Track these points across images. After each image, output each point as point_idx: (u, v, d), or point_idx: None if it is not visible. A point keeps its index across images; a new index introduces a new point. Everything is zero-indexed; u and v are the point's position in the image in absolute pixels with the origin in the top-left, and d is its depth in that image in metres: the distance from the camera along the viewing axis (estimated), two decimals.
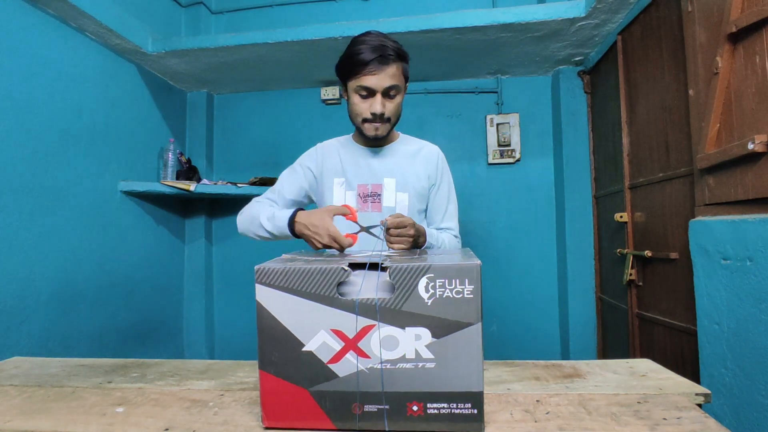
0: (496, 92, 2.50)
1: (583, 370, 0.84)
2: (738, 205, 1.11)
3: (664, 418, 0.61)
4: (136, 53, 2.08)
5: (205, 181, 2.40)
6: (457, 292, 0.57)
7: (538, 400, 0.69)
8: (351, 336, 0.60)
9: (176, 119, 2.56)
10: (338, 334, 0.60)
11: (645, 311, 1.73)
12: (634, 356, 1.81)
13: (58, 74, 1.72)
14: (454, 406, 0.59)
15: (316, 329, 0.61)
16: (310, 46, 2.07)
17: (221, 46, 2.06)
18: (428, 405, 0.59)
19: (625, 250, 1.83)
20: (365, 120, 1.05)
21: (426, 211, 1.18)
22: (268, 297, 0.61)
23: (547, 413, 0.64)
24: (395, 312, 0.59)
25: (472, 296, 0.58)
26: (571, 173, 2.33)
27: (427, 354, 0.59)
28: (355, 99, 1.04)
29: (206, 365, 0.93)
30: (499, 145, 2.45)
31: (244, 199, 1.39)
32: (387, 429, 0.60)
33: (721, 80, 1.13)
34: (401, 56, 1.02)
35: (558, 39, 2.03)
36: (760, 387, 1.01)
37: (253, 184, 2.39)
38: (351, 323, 0.60)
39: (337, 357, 0.60)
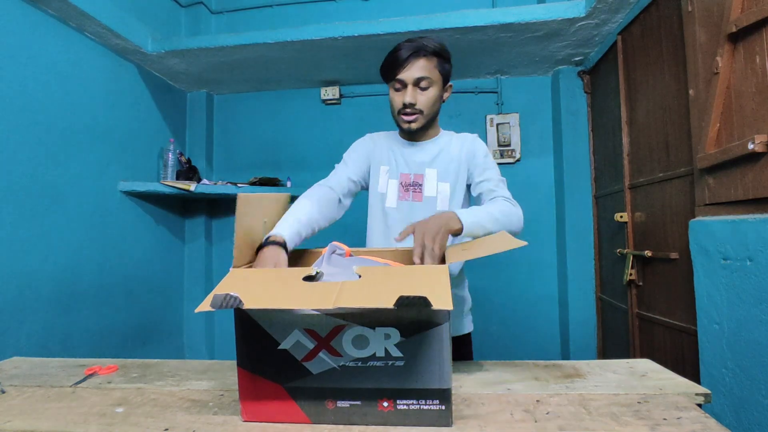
0: (496, 92, 2.50)
1: (583, 370, 0.84)
2: (738, 205, 1.11)
3: (665, 418, 0.61)
4: (136, 53, 2.07)
5: (205, 181, 2.40)
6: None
7: (538, 400, 0.69)
8: (323, 335, 0.62)
9: (176, 119, 2.56)
10: (311, 333, 0.63)
11: (645, 311, 1.73)
12: (634, 356, 1.81)
13: (58, 74, 1.72)
14: (423, 402, 0.61)
15: (291, 329, 0.63)
16: (310, 46, 2.07)
17: (221, 46, 2.06)
18: (398, 401, 0.62)
19: (625, 250, 1.83)
20: (399, 112, 1.09)
21: (470, 199, 1.17)
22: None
23: (547, 413, 0.64)
24: (365, 313, 0.61)
25: None
26: (571, 173, 2.33)
27: (396, 353, 0.61)
28: (391, 93, 1.11)
29: (206, 365, 0.93)
30: (499, 145, 2.45)
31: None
32: (358, 423, 0.63)
33: (721, 80, 1.13)
34: (437, 52, 1.06)
35: (558, 39, 2.03)
36: (760, 387, 1.01)
37: (253, 184, 2.39)
38: (323, 323, 0.62)
39: (311, 355, 0.63)
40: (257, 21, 2.56)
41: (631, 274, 1.76)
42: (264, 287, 0.64)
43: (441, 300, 0.55)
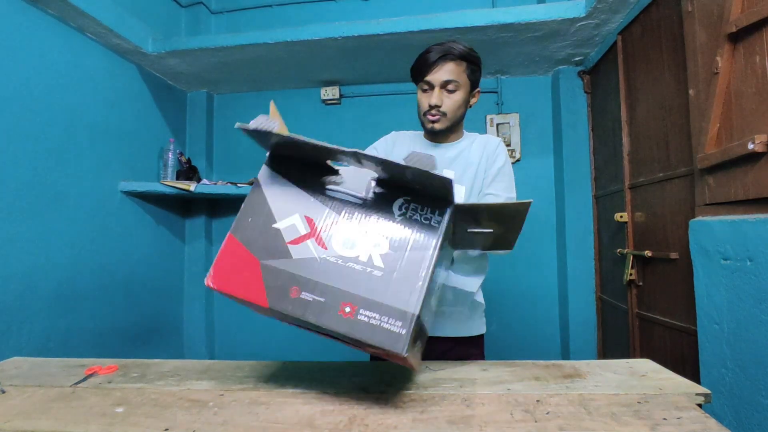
0: (496, 92, 2.50)
1: (583, 370, 0.84)
2: (738, 205, 1.11)
3: (665, 418, 0.61)
4: (136, 53, 2.07)
5: (205, 181, 2.40)
6: (426, 219, 0.60)
7: (538, 400, 0.69)
8: (319, 225, 0.64)
9: (176, 119, 2.56)
10: (309, 221, 0.64)
11: (645, 311, 1.73)
12: (634, 356, 1.80)
13: (58, 74, 1.72)
14: (385, 319, 0.59)
15: (292, 212, 0.65)
16: (310, 46, 2.07)
17: (221, 46, 2.06)
18: (361, 310, 0.60)
19: (625, 250, 1.83)
20: (425, 112, 1.11)
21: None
22: (266, 176, 0.69)
23: (547, 413, 0.64)
24: (365, 216, 0.63)
25: (437, 226, 0.62)
26: (571, 173, 2.33)
27: (378, 262, 0.61)
28: (419, 95, 1.12)
29: (206, 365, 0.93)
30: None
31: (244, 200, 1.40)
32: (312, 321, 0.61)
33: (721, 80, 1.13)
34: (465, 57, 1.08)
35: (558, 39, 2.03)
36: (760, 387, 1.01)
37: (253, 184, 2.38)
38: (322, 213, 0.64)
39: (299, 240, 0.64)
40: (257, 21, 2.56)
41: (631, 274, 1.76)
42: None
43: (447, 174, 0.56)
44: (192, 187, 2.17)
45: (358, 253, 0.62)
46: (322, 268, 0.62)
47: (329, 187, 0.65)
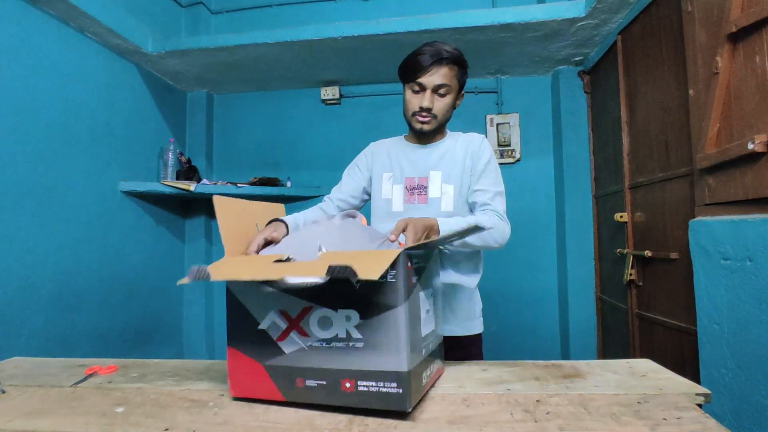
0: (496, 92, 2.50)
1: (583, 370, 0.84)
2: (738, 205, 1.11)
3: (665, 418, 0.61)
4: (136, 53, 2.07)
5: (205, 181, 2.40)
6: (381, 277, 0.61)
7: (538, 400, 0.69)
8: (293, 316, 0.68)
9: (176, 119, 2.56)
10: (284, 314, 0.68)
11: (645, 311, 1.73)
12: (634, 356, 1.81)
13: (58, 74, 1.72)
14: (382, 384, 0.63)
15: (268, 309, 0.69)
16: (310, 46, 2.07)
17: (221, 46, 2.06)
18: (359, 382, 0.64)
19: (625, 250, 1.83)
20: (414, 113, 1.11)
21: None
22: (235, 283, 0.71)
23: (547, 413, 0.64)
24: (326, 293, 0.66)
25: (394, 280, 0.63)
26: (571, 173, 2.33)
27: (356, 334, 0.65)
28: (408, 95, 1.12)
29: (206, 365, 0.93)
30: (499, 145, 2.45)
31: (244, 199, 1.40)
32: (325, 402, 0.66)
33: (721, 80, 1.13)
34: (456, 61, 1.08)
35: (558, 39, 2.03)
36: (760, 387, 1.01)
37: (253, 184, 2.39)
38: (294, 304, 0.67)
39: (284, 335, 0.68)
40: (257, 21, 2.56)
41: (631, 274, 1.76)
42: (236, 266, 0.73)
43: (370, 271, 0.57)
44: (192, 187, 2.17)
45: (335, 332, 0.65)
46: (313, 355, 0.67)
47: (291, 280, 0.68)
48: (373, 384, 0.63)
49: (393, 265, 0.62)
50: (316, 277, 0.63)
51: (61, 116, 1.73)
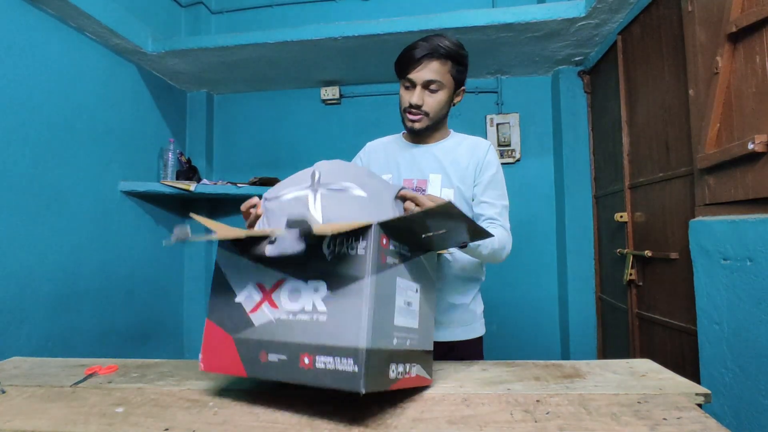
0: (496, 92, 2.50)
1: (583, 370, 0.84)
2: (738, 205, 1.11)
3: (665, 418, 0.61)
4: (136, 53, 2.07)
5: (205, 181, 2.40)
6: (351, 249, 0.60)
7: (538, 400, 0.69)
8: (268, 288, 0.67)
9: (176, 119, 2.56)
10: (260, 287, 0.68)
11: (645, 311, 1.73)
12: (634, 356, 1.80)
13: (58, 74, 1.72)
14: (338, 361, 0.59)
15: (246, 282, 0.69)
16: (310, 46, 2.07)
17: (221, 46, 2.06)
18: (317, 358, 0.60)
19: (625, 250, 1.83)
20: (405, 110, 1.08)
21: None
22: (222, 256, 0.73)
23: (547, 413, 0.64)
24: (301, 266, 0.64)
25: (363, 252, 0.61)
26: (571, 173, 2.33)
27: (321, 306, 0.62)
28: (401, 90, 1.09)
29: None
30: (499, 145, 2.45)
31: (244, 199, 1.40)
32: (282, 379, 0.63)
33: (721, 80, 1.13)
34: (451, 56, 1.04)
35: (558, 39, 2.03)
36: (760, 387, 1.01)
37: (253, 184, 2.39)
38: (269, 276, 0.67)
39: (256, 307, 0.67)
40: (257, 21, 2.56)
41: (631, 274, 1.76)
42: (221, 231, 0.73)
43: (325, 228, 0.56)
44: (192, 187, 2.17)
45: (302, 304, 0.64)
46: (279, 328, 0.65)
47: (269, 249, 0.67)
48: (330, 360, 0.59)
49: (365, 238, 0.61)
50: (280, 234, 0.62)
51: (60, 116, 1.73)
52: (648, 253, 1.63)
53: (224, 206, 2.66)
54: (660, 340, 1.61)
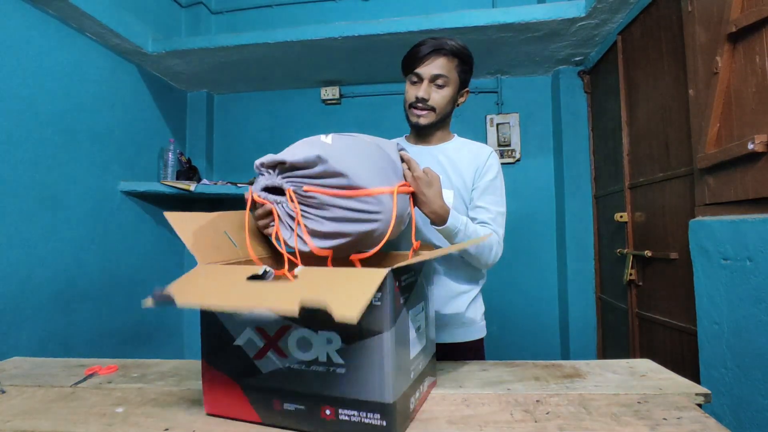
0: (496, 92, 2.50)
1: (583, 370, 0.84)
2: (738, 205, 1.11)
3: (664, 418, 0.61)
4: (136, 53, 2.07)
5: (205, 181, 2.40)
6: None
7: (538, 400, 0.69)
8: (271, 334, 0.63)
9: (176, 119, 2.56)
10: (261, 332, 0.63)
11: (645, 311, 1.73)
12: (634, 356, 1.80)
13: (58, 74, 1.72)
14: (364, 414, 0.58)
15: (244, 326, 0.64)
16: (310, 46, 2.07)
17: (221, 46, 2.06)
18: (339, 410, 0.59)
19: (625, 250, 1.83)
20: (411, 105, 1.09)
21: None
22: None
23: (547, 413, 0.64)
24: (310, 315, 0.58)
25: (380, 303, 0.58)
26: (571, 173, 2.33)
27: (337, 359, 0.59)
28: (407, 86, 1.10)
29: None
30: (499, 145, 2.45)
31: (244, 199, 1.40)
32: (303, 429, 0.61)
33: (721, 80, 1.13)
34: (457, 54, 1.06)
35: (558, 39, 2.03)
36: (760, 387, 1.01)
37: (253, 183, 2.38)
38: (271, 323, 0.63)
39: (261, 353, 0.63)
40: (257, 21, 2.56)
41: (631, 274, 1.76)
42: (204, 285, 0.65)
43: (347, 309, 0.49)
44: (192, 187, 2.17)
45: (315, 355, 0.60)
46: (291, 377, 0.62)
47: (257, 310, 0.63)
48: (355, 413, 0.58)
49: (380, 288, 0.56)
50: (285, 309, 0.55)
51: (61, 116, 1.73)
52: (648, 253, 1.63)
53: (224, 206, 2.66)
54: (660, 340, 1.61)
